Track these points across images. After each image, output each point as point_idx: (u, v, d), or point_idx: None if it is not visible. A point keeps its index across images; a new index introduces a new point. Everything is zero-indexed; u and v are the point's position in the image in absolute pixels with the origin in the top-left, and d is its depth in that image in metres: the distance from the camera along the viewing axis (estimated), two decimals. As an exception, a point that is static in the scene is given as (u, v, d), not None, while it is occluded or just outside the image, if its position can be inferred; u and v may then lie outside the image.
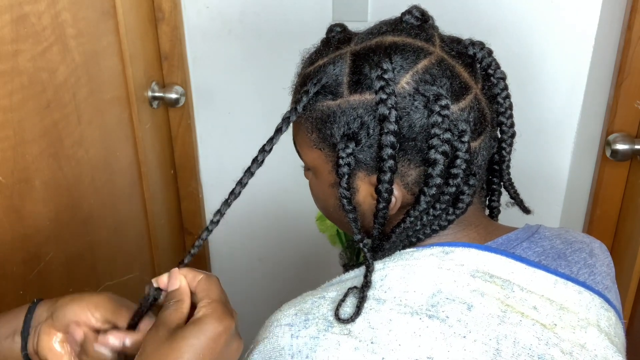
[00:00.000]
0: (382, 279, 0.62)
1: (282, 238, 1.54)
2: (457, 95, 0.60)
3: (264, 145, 0.63)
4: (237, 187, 0.63)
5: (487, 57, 0.65)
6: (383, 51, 0.60)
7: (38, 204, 0.95)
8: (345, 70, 0.61)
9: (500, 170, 0.71)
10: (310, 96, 0.62)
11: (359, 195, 0.64)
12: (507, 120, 0.67)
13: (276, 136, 0.62)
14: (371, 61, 0.60)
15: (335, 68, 0.62)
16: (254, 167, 0.63)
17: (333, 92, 0.61)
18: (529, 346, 0.58)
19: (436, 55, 0.61)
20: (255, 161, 0.63)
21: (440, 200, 0.61)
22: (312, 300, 0.63)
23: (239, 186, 0.63)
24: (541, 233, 0.69)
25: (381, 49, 0.61)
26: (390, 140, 0.58)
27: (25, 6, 0.87)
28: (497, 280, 0.61)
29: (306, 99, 0.62)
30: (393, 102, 0.58)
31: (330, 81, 0.61)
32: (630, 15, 1.09)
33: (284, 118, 0.63)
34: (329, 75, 0.62)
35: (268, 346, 0.62)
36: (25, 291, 0.95)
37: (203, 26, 1.32)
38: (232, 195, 0.63)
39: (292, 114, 0.62)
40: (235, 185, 0.63)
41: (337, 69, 0.61)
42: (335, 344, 0.59)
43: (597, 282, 0.67)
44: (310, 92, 0.62)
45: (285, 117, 0.63)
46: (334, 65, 0.62)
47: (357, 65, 0.61)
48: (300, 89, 0.64)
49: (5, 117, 0.86)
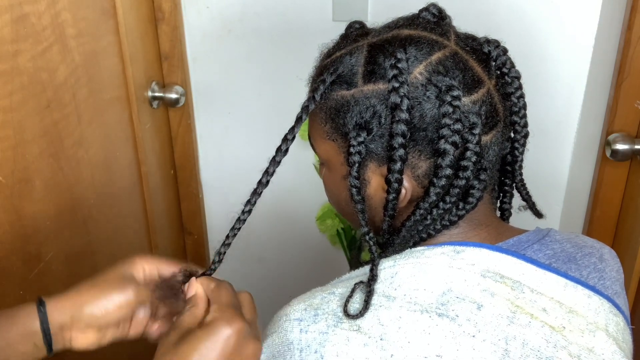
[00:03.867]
0: (392, 276, 0.62)
1: (282, 238, 1.54)
2: (469, 87, 0.61)
3: (286, 135, 0.64)
4: (264, 176, 0.64)
5: (502, 55, 0.65)
6: (398, 42, 0.61)
7: (38, 204, 0.95)
8: (361, 60, 0.62)
9: (512, 170, 0.71)
10: (327, 85, 0.63)
11: (370, 188, 0.64)
12: (521, 120, 0.68)
13: (297, 125, 0.63)
14: (386, 51, 0.61)
15: (352, 58, 0.63)
16: (278, 155, 0.64)
17: (348, 82, 0.62)
18: (537, 348, 0.58)
19: (450, 49, 0.62)
20: (280, 150, 0.64)
21: (450, 193, 0.61)
22: (321, 296, 0.63)
23: (266, 175, 0.65)
24: (552, 236, 0.69)
25: (397, 41, 0.62)
26: (402, 129, 0.59)
27: (25, 6, 0.87)
28: (507, 281, 0.61)
29: (323, 87, 0.63)
30: (405, 91, 0.59)
31: (346, 71, 0.63)
32: (630, 15, 1.09)
33: (303, 107, 0.63)
34: (345, 65, 0.63)
35: (277, 340, 0.62)
36: (25, 291, 0.95)
37: (203, 26, 1.32)
38: (260, 185, 0.65)
39: (310, 103, 0.63)
40: (262, 175, 0.64)
41: (353, 59, 0.63)
42: (345, 340, 0.59)
43: (607, 286, 0.67)
44: (327, 81, 0.62)
45: (304, 106, 0.63)
46: (351, 56, 0.63)
47: (372, 56, 0.62)
48: (317, 79, 0.65)
49: (5, 117, 0.86)
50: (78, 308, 0.61)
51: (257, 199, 0.65)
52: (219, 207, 1.53)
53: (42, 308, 0.61)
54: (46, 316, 0.61)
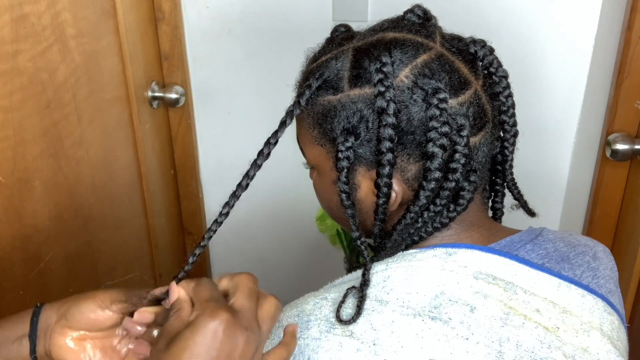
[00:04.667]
0: (384, 280, 0.62)
1: (282, 238, 1.54)
2: (456, 89, 0.60)
3: (269, 138, 0.63)
4: (244, 179, 0.63)
5: (489, 55, 0.65)
6: (383, 46, 0.61)
7: (38, 204, 0.95)
8: (347, 65, 0.62)
9: (503, 170, 0.71)
10: (312, 90, 0.62)
11: (360, 192, 0.64)
12: (510, 119, 0.67)
13: (281, 129, 0.63)
14: (371, 55, 0.61)
15: (337, 63, 0.62)
16: (260, 159, 0.63)
17: (334, 87, 0.62)
18: (531, 349, 0.58)
19: (436, 51, 0.61)
20: (262, 154, 0.63)
21: (440, 196, 0.61)
22: (314, 302, 0.63)
23: (246, 178, 0.63)
24: (545, 236, 0.68)
25: (382, 44, 0.61)
26: (389, 133, 0.59)
27: (25, 6, 0.87)
28: (500, 282, 0.61)
29: (309, 92, 0.62)
30: (391, 94, 0.58)
31: (332, 76, 0.62)
32: (630, 15, 1.09)
33: (287, 111, 0.63)
34: (330, 70, 0.62)
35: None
36: (25, 291, 0.95)
37: (203, 26, 1.32)
38: (239, 188, 0.63)
39: (295, 108, 0.63)
40: (242, 177, 0.63)
41: (339, 64, 0.62)
42: (338, 345, 0.59)
43: (601, 285, 0.67)
44: (312, 87, 0.62)
45: (289, 111, 0.63)
46: (336, 61, 0.62)
47: (357, 60, 0.61)
48: (303, 83, 0.64)
49: (5, 117, 0.86)
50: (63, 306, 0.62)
51: (235, 201, 0.63)
52: (219, 207, 1.52)
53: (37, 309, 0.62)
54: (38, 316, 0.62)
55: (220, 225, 0.63)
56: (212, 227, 0.63)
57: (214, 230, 0.63)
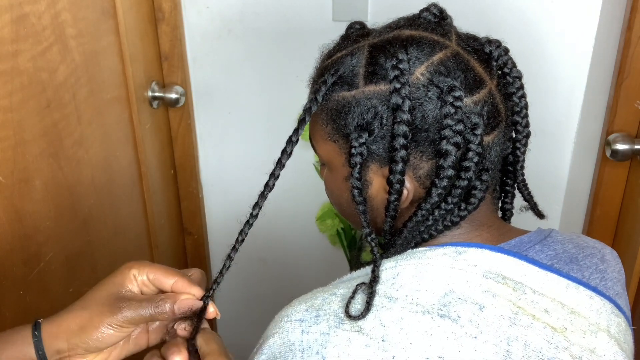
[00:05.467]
0: (394, 277, 0.62)
1: (282, 239, 1.54)
2: (471, 88, 0.61)
3: (290, 137, 0.63)
4: (271, 179, 0.64)
5: (503, 55, 0.65)
6: (400, 43, 0.61)
7: (38, 204, 0.95)
8: (362, 61, 0.62)
9: (514, 170, 0.71)
10: (328, 86, 0.62)
11: (371, 189, 0.64)
12: (522, 119, 0.68)
13: (301, 126, 0.63)
14: (387, 52, 0.61)
15: (353, 59, 0.63)
16: (284, 158, 0.64)
17: (349, 83, 0.62)
18: (539, 349, 0.58)
19: (452, 49, 0.62)
20: (285, 152, 0.64)
21: (452, 194, 0.61)
22: (322, 297, 0.63)
23: (272, 178, 0.64)
24: (554, 237, 0.68)
25: (398, 41, 0.62)
26: (403, 130, 0.59)
27: (25, 6, 0.87)
28: (509, 282, 0.61)
29: (324, 88, 0.62)
30: (407, 91, 0.59)
31: (347, 72, 0.62)
32: (630, 15, 1.09)
33: (305, 109, 0.63)
34: (346, 66, 0.63)
35: (278, 341, 0.61)
36: (25, 291, 0.94)
37: (203, 26, 1.32)
38: (266, 188, 0.64)
39: (312, 104, 0.63)
40: (268, 178, 0.64)
41: (354, 60, 0.62)
42: (346, 341, 0.59)
43: (608, 287, 0.67)
44: (328, 82, 0.62)
45: (306, 108, 0.63)
46: (352, 57, 0.63)
47: (373, 57, 0.62)
48: (318, 80, 0.65)
49: (5, 117, 0.86)
50: (73, 335, 0.60)
51: (264, 201, 0.64)
52: (219, 207, 1.53)
53: (36, 333, 0.61)
54: (41, 342, 0.60)
55: (251, 227, 0.64)
56: (244, 230, 0.65)
57: (246, 233, 0.65)
